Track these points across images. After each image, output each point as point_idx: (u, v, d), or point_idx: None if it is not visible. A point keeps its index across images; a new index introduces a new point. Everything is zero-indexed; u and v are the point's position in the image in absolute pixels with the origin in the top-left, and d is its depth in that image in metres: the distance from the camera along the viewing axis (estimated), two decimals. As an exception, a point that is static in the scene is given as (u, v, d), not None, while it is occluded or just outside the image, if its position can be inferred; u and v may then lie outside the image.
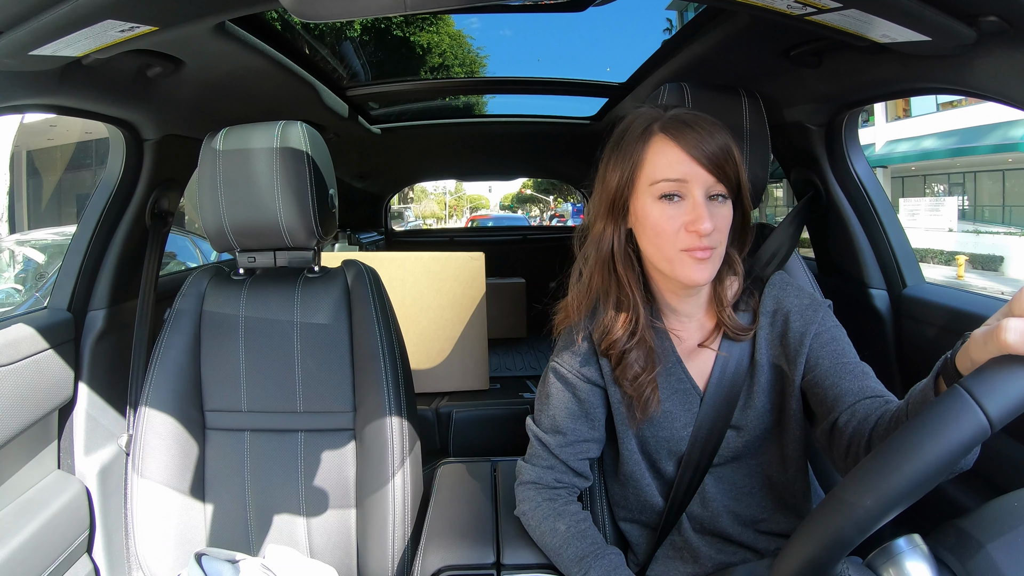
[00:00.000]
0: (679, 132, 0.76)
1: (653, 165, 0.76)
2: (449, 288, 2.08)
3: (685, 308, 0.84)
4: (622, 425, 0.86)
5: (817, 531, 0.50)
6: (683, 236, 0.75)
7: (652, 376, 0.81)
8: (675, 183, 0.75)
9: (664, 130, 0.77)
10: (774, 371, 0.83)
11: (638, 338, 0.81)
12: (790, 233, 1.09)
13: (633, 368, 0.81)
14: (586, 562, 0.79)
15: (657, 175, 0.76)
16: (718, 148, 0.75)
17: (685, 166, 0.75)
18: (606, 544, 0.82)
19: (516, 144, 2.83)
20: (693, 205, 0.75)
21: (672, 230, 0.75)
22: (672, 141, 0.76)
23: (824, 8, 0.70)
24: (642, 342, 0.81)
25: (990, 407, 0.45)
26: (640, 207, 0.78)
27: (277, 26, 1.32)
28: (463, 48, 3.08)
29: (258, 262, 1.15)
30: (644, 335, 0.81)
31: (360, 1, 0.68)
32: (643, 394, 0.81)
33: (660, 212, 0.76)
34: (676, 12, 2.04)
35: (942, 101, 13.32)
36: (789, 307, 0.82)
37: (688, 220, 0.74)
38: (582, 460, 0.87)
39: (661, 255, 0.77)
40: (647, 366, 0.81)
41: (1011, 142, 11.96)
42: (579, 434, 0.86)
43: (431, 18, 2.76)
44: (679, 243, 0.75)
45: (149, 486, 1.04)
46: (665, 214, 0.76)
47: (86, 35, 0.78)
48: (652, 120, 0.78)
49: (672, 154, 0.75)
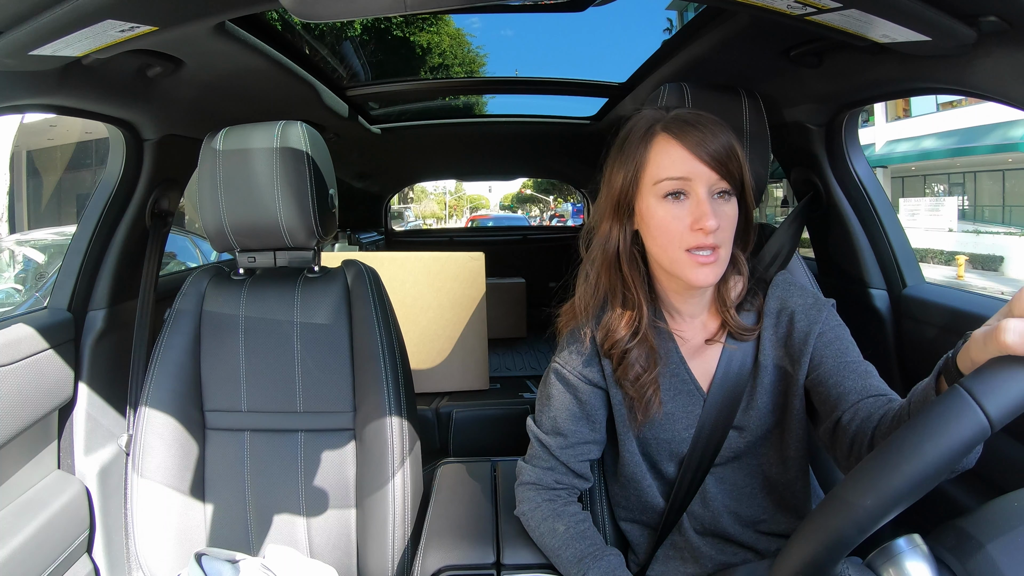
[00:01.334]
0: (681, 131, 0.76)
1: (656, 164, 0.77)
2: (449, 288, 2.08)
3: (689, 308, 0.85)
4: (623, 427, 0.86)
5: (817, 531, 0.50)
6: (688, 235, 0.75)
7: (653, 375, 0.81)
8: (679, 181, 0.75)
9: (666, 129, 0.77)
10: (777, 371, 0.83)
11: (640, 337, 0.81)
12: (791, 233, 1.09)
13: (634, 368, 0.81)
14: (585, 563, 0.79)
15: (660, 174, 0.76)
16: (721, 146, 0.75)
17: (688, 164, 0.75)
18: (605, 545, 0.82)
19: (516, 144, 2.83)
20: (697, 203, 0.75)
21: (677, 229, 0.75)
22: (674, 140, 0.76)
23: (824, 8, 0.70)
24: (643, 341, 0.81)
25: (990, 407, 0.45)
26: (645, 207, 0.78)
27: (277, 26, 1.32)
28: (463, 47, 3.08)
29: (258, 262, 1.15)
30: (646, 334, 0.81)
31: (360, 1, 0.68)
32: (644, 395, 0.81)
33: (665, 211, 0.76)
34: (676, 12, 2.05)
35: (942, 101, 13.34)
36: (793, 307, 0.82)
37: (693, 218, 0.74)
38: (583, 462, 0.87)
39: (666, 255, 0.77)
40: (648, 366, 0.81)
41: (1011, 142, 11.98)
42: (580, 436, 0.86)
43: (431, 18, 2.77)
44: (684, 242, 0.75)
45: (149, 486, 1.04)
46: (670, 213, 0.76)
47: (86, 35, 0.78)
48: (654, 121, 0.79)
49: (675, 152, 0.76)
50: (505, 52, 3.62)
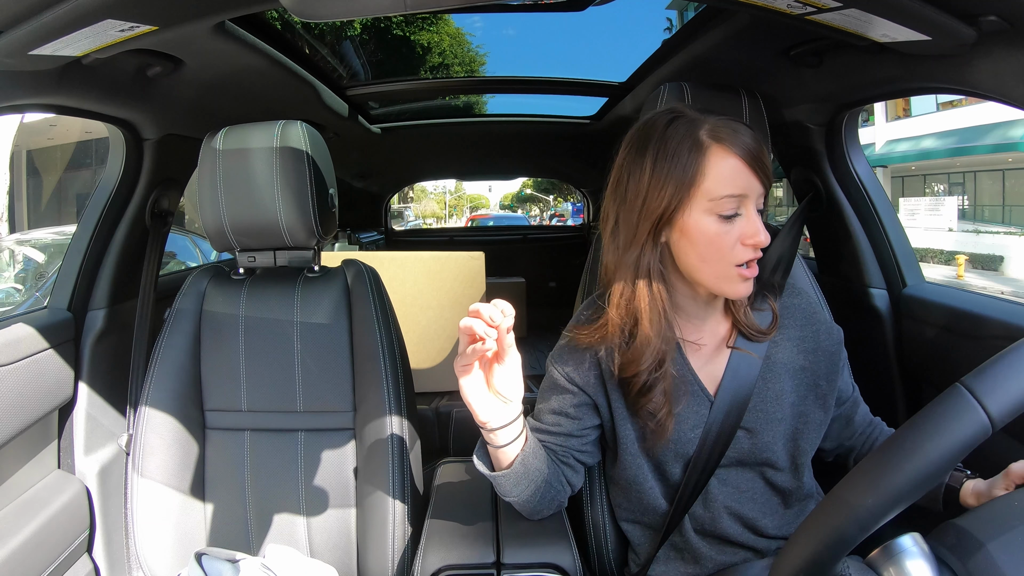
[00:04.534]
0: (735, 143, 0.71)
1: (715, 179, 0.71)
2: (449, 288, 2.08)
3: (701, 312, 0.83)
4: (624, 434, 0.84)
5: (818, 530, 0.50)
6: (739, 250, 0.73)
7: (669, 408, 0.79)
8: (739, 199, 0.72)
9: (717, 140, 0.72)
10: (797, 377, 0.83)
11: (663, 371, 0.77)
12: (793, 236, 1.09)
13: (653, 402, 0.78)
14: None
15: (720, 190, 0.71)
16: (766, 158, 0.73)
17: (746, 179, 0.72)
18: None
19: (516, 144, 2.83)
20: (748, 218, 0.73)
21: (728, 244, 0.72)
22: (733, 153, 0.71)
23: (824, 8, 0.70)
24: (665, 376, 0.78)
25: (991, 405, 0.45)
26: (692, 222, 0.73)
27: (277, 26, 1.32)
28: (463, 47, 3.07)
29: (258, 262, 1.15)
30: (667, 370, 0.77)
31: (360, 1, 0.68)
32: (660, 424, 0.79)
33: (717, 228, 0.72)
34: (676, 12, 2.04)
35: (942, 101, 13.42)
36: (818, 323, 0.85)
37: (744, 233, 0.72)
38: (575, 457, 0.87)
39: (712, 270, 0.74)
40: (665, 401, 0.78)
41: (1011, 142, 12.03)
42: (575, 443, 0.87)
43: (431, 17, 2.76)
44: (735, 258, 0.73)
45: (149, 486, 1.04)
46: (722, 229, 0.72)
47: (86, 35, 0.78)
48: (695, 127, 0.73)
49: (734, 166, 0.71)
50: (505, 52, 3.59)
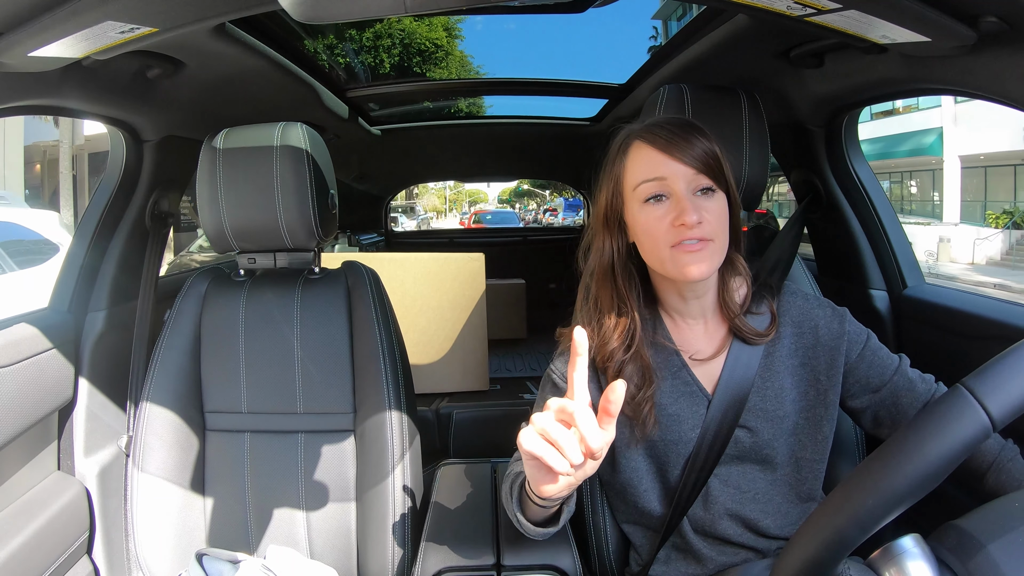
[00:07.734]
0: (652, 134, 0.78)
1: (633, 171, 0.79)
2: (449, 288, 2.08)
3: (691, 310, 0.84)
4: (618, 437, 0.84)
5: (819, 531, 0.50)
6: (671, 232, 0.76)
7: (649, 393, 0.81)
8: (656, 182, 0.77)
9: (639, 136, 0.80)
10: (797, 376, 0.83)
11: (633, 351, 0.81)
12: (792, 237, 1.09)
13: (628, 386, 0.79)
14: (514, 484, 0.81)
15: (637, 178, 0.78)
16: (694, 142, 0.76)
17: (662, 164, 0.77)
18: None
19: (516, 145, 2.83)
20: (676, 200, 0.76)
21: (660, 229, 0.76)
22: (647, 144, 0.78)
23: (824, 9, 0.70)
24: (637, 356, 0.82)
25: (992, 406, 0.45)
26: (631, 216, 0.80)
27: (277, 28, 1.32)
28: (467, 71, 3.10)
29: (258, 263, 1.15)
30: (640, 350, 0.82)
31: (360, 1, 0.68)
32: (641, 413, 0.81)
33: (647, 214, 0.78)
34: (661, 21, 2.07)
35: (875, 111, 15.07)
36: (817, 320, 0.84)
37: (673, 215, 0.75)
38: None
39: (655, 257, 0.78)
40: (643, 383, 0.81)
41: (922, 147, 14.34)
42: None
43: (440, 52, 2.78)
44: (668, 240, 0.76)
45: (149, 487, 1.04)
46: (653, 215, 0.77)
47: (86, 36, 0.78)
48: (629, 132, 0.82)
49: (648, 155, 0.78)
50: (506, 53, 3.60)
